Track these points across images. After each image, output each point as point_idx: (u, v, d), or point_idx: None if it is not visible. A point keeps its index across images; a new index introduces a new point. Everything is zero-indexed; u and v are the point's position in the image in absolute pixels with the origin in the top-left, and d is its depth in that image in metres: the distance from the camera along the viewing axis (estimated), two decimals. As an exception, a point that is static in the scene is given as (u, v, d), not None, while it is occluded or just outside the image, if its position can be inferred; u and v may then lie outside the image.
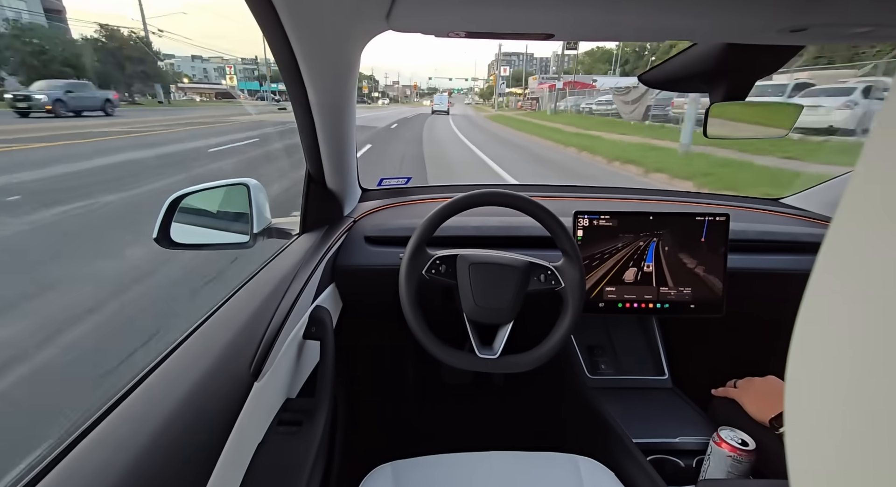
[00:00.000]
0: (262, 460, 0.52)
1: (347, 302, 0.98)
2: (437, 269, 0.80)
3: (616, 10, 0.53)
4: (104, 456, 0.36)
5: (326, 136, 0.81)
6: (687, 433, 0.87)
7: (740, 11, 0.52)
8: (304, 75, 0.68)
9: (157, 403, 0.42)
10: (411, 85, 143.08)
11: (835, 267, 0.14)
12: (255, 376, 0.52)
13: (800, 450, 0.15)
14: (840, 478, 0.13)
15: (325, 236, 0.90)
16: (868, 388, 0.12)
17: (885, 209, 0.12)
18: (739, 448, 0.72)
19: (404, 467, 0.75)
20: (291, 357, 0.66)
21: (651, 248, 0.96)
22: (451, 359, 0.78)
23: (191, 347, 0.52)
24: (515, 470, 0.76)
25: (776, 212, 1.24)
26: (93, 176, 5.35)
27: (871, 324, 0.12)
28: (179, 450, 0.40)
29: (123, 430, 0.39)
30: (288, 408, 0.63)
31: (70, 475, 0.34)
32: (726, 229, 0.95)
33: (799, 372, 0.15)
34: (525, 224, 0.87)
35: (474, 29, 0.59)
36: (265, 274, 0.71)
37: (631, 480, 0.77)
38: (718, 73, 0.73)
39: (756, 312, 1.09)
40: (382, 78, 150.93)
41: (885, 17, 0.54)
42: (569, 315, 0.79)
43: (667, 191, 1.34)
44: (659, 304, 0.97)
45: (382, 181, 1.27)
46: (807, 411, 0.15)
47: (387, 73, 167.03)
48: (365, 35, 0.66)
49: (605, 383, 1.04)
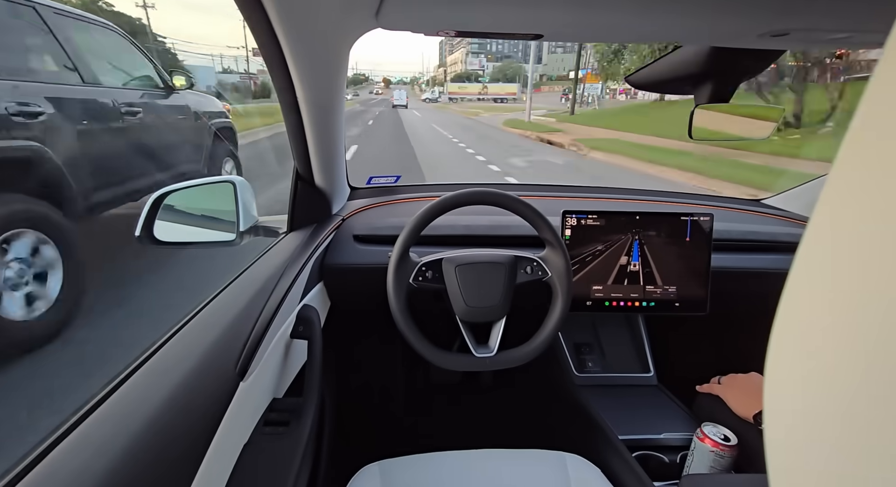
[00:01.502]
0: (247, 460, 0.52)
1: (335, 301, 0.98)
2: (424, 276, 0.79)
3: (603, 12, 0.54)
4: (82, 460, 0.35)
5: (315, 134, 0.81)
6: (671, 429, 0.88)
7: (723, 16, 0.53)
8: (292, 72, 0.67)
9: (140, 404, 0.41)
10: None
11: (811, 267, 0.14)
12: (241, 375, 0.52)
13: (778, 445, 0.15)
14: (816, 473, 0.14)
15: (312, 234, 0.89)
16: (844, 384, 0.12)
17: (859, 209, 0.12)
18: (722, 443, 0.74)
19: (392, 466, 0.74)
20: (278, 356, 0.65)
21: (637, 247, 0.97)
22: (449, 363, 0.78)
23: (175, 346, 0.51)
24: (503, 468, 0.76)
25: (758, 213, 1.26)
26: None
27: (847, 322, 0.12)
28: (162, 452, 0.39)
29: (104, 432, 0.38)
30: (275, 408, 0.62)
31: (45, 480, 0.33)
32: (710, 229, 0.97)
33: (777, 369, 0.15)
34: (514, 223, 0.88)
35: (463, 28, 0.59)
36: (252, 273, 0.71)
37: (617, 476, 0.78)
38: (703, 75, 0.74)
39: (739, 310, 1.11)
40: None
41: (862, 23, 0.55)
42: (559, 303, 0.80)
43: (652, 192, 1.36)
44: (645, 303, 0.99)
45: (371, 179, 1.26)
46: (785, 407, 0.15)
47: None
48: (354, 32, 0.65)
49: (592, 381, 1.05)
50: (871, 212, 0.12)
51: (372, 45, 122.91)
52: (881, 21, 0.54)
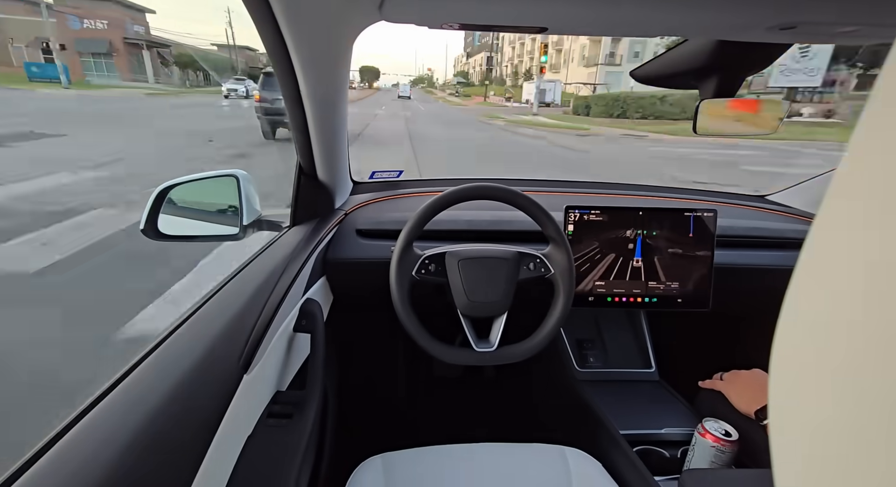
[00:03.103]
0: (251, 453, 0.52)
1: (338, 294, 0.98)
2: (427, 269, 0.79)
3: (608, 5, 0.53)
4: (87, 451, 0.36)
5: (318, 128, 0.80)
6: (672, 424, 0.89)
7: (730, 8, 0.53)
8: (295, 66, 0.67)
9: (144, 396, 0.42)
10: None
11: (817, 263, 0.14)
12: (245, 368, 0.52)
13: (783, 440, 0.15)
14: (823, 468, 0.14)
15: (315, 229, 0.89)
16: (850, 381, 0.12)
17: (867, 205, 0.12)
18: (722, 438, 0.74)
19: (394, 459, 0.75)
20: (281, 349, 0.65)
21: (640, 243, 0.97)
22: (450, 357, 0.78)
23: (178, 339, 0.51)
24: (504, 462, 0.77)
25: (761, 209, 1.26)
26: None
27: (853, 319, 0.12)
28: (166, 444, 0.39)
29: (108, 424, 0.38)
30: (278, 401, 0.62)
31: (49, 473, 0.34)
32: (713, 224, 0.97)
33: (782, 364, 0.15)
34: (517, 218, 0.87)
35: (467, 20, 0.58)
36: (255, 267, 0.71)
37: (618, 471, 0.79)
38: (708, 69, 0.73)
39: (742, 306, 1.11)
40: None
41: (870, 17, 0.55)
42: (561, 299, 0.80)
43: (655, 187, 1.35)
44: (647, 298, 0.99)
45: (374, 174, 1.26)
46: (790, 403, 0.15)
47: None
48: (358, 25, 0.65)
49: (594, 376, 1.05)
50: (880, 207, 0.12)
51: (374, 46, 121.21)
52: (891, 14, 0.53)
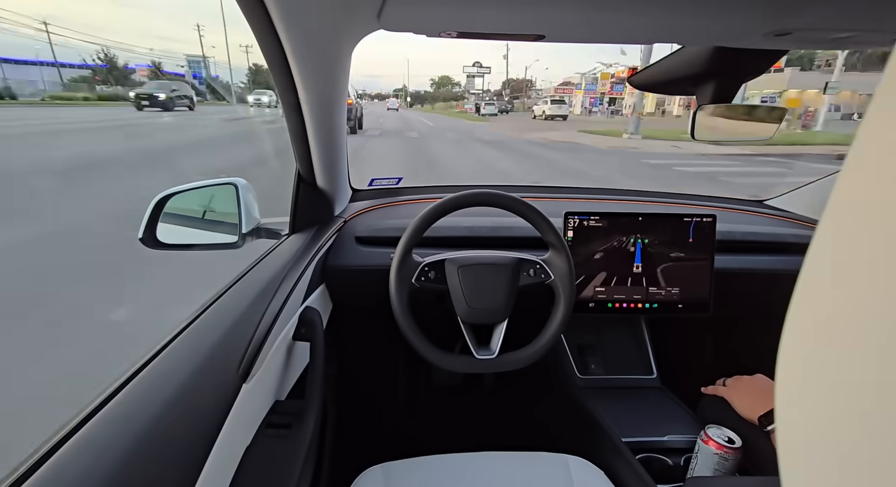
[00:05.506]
0: (250, 463, 0.52)
1: (338, 303, 0.98)
2: (427, 276, 0.79)
3: (605, 13, 0.53)
4: (86, 461, 0.35)
5: (317, 136, 0.81)
6: (675, 431, 0.88)
7: (726, 16, 0.53)
8: (294, 74, 0.67)
9: (143, 405, 0.41)
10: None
11: (823, 268, 0.14)
12: (244, 378, 0.52)
13: (790, 446, 0.15)
14: (830, 474, 0.13)
15: (315, 236, 0.89)
16: (858, 384, 0.12)
17: (872, 209, 0.12)
18: (726, 445, 0.73)
19: (395, 468, 0.74)
20: (281, 358, 0.65)
21: (639, 249, 0.97)
22: (450, 364, 0.78)
23: (177, 348, 0.51)
24: (506, 470, 0.76)
25: (761, 214, 1.26)
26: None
27: (861, 322, 0.12)
28: (165, 453, 0.39)
29: (107, 433, 0.38)
30: (277, 410, 0.62)
31: (51, 480, 0.33)
32: (713, 230, 0.97)
33: (789, 370, 0.15)
34: (517, 224, 0.87)
35: (465, 29, 0.59)
36: (254, 275, 0.70)
37: (620, 479, 0.78)
38: (705, 75, 0.74)
39: (742, 311, 1.11)
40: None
41: (865, 23, 0.55)
42: (561, 306, 0.79)
43: (655, 193, 1.36)
44: (647, 304, 0.98)
45: (373, 181, 1.26)
46: (797, 408, 0.15)
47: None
48: (356, 34, 0.65)
49: (595, 383, 1.05)
50: (886, 212, 0.12)
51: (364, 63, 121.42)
52: (886, 20, 0.53)
